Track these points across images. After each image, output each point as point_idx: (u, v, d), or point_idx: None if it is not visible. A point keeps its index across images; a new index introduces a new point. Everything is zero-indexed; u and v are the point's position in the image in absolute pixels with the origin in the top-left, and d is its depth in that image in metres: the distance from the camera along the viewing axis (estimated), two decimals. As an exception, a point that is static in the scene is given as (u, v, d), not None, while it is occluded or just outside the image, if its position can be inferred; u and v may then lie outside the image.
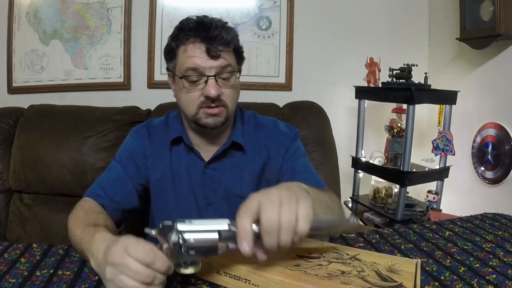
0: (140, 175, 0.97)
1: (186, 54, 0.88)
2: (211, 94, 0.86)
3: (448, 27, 2.08)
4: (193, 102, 0.89)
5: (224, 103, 0.90)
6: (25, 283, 0.59)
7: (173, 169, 0.98)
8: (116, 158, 0.98)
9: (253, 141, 1.00)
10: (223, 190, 0.98)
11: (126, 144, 1.01)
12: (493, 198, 1.82)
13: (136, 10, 1.98)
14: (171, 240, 0.53)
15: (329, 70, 2.20)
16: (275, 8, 2.10)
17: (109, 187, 0.91)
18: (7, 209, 1.61)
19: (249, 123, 1.03)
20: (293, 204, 0.53)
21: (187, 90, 0.89)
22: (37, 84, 1.97)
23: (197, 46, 0.87)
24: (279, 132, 1.03)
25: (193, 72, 0.87)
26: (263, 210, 0.52)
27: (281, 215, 0.52)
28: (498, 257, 0.71)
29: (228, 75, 0.90)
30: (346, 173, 2.04)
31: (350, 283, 0.54)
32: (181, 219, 0.54)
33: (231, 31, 0.91)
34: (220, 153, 0.97)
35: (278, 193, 0.54)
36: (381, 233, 0.85)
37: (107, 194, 0.89)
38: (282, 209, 0.52)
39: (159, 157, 0.98)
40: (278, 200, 0.53)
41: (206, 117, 0.90)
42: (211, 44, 0.86)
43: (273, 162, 1.00)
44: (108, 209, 0.87)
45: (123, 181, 0.94)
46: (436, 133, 1.86)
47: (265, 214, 0.52)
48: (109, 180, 0.93)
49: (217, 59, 0.87)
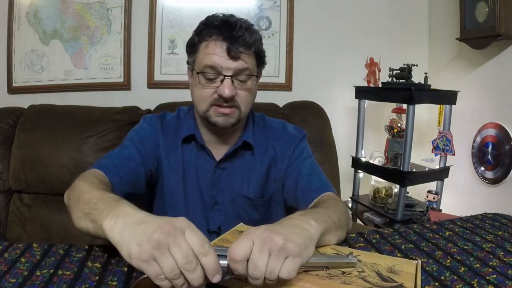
0: (151, 161, 0.95)
1: (206, 50, 0.88)
2: (225, 94, 0.86)
3: (448, 27, 2.08)
4: (206, 98, 0.89)
5: (237, 105, 0.90)
6: (25, 283, 0.59)
7: (184, 167, 0.97)
8: (128, 138, 0.95)
9: (261, 142, 1.00)
10: (230, 190, 0.98)
11: (139, 128, 0.99)
12: (493, 198, 1.82)
13: (136, 10, 1.98)
14: None
15: (329, 70, 2.20)
16: (275, 8, 2.10)
17: (121, 164, 0.86)
18: (7, 209, 1.61)
19: (258, 124, 1.03)
20: (280, 260, 0.52)
21: (202, 86, 0.89)
22: (37, 84, 1.96)
23: (218, 45, 0.86)
24: (287, 134, 1.03)
25: (211, 70, 0.87)
26: (252, 257, 0.52)
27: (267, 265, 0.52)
28: (498, 257, 0.71)
29: (245, 77, 0.89)
30: (346, 173, 2.04)
31: (351, 283, 0.54)
32: None
33: (255, 34, 0.90)
34: (230, 153, 0.97)
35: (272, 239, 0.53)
36: (381, 233, 0.85)
37: (118, 172, 0.84)
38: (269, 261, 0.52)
39: (171, 152, 0.97)
40: (268, 248, 0.52)
41: (217, 116, 0.89)
42: (232, 45, 0.85)
43: (280, 163, 1.00)
44: (115, 187, 0.81)
45: (136, 163, 0.90)
46: (436, 133, 1.86)
47: (251, 263, 0.52)
48: (123, 159, 0.89)
49: (236, 60, 0.86)
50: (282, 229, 0.57)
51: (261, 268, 0.51)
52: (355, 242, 0.79)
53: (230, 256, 0.52)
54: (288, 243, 0.53)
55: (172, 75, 2.04)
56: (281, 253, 0.53)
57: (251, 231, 0.55)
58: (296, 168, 0.99)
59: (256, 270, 0.51)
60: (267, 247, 0.52)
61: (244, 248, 0.52)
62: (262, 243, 0.53)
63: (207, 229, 0.97)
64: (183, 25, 2.00)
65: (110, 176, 0.81)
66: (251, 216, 0.99)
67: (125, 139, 0.96)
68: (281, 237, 0.54)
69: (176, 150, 0.97)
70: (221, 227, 0.97)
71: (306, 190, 0.94)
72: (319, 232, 0.63)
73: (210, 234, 0.96)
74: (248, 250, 0.52)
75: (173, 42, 2.02)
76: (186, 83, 2.23)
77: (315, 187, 0.93)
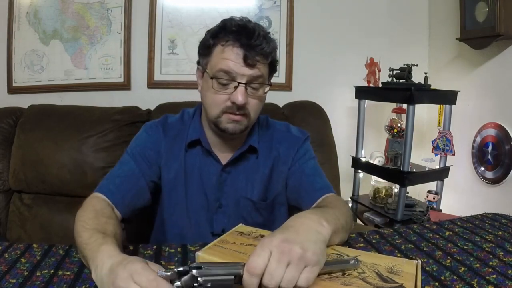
0: (153, 171, 0.95)
1: (222, 55, 0.87)
2: (239, 101, 0.85)
3: (448, 27, 2.08)
4: (218, 104, 0.88)
5: (248, 112, 0.89)
6: (25, 283, 0.59)
7: (187, 170, 0.97)
8: (128, 152, 0.96)
9: (265, 145, 1.00)
10: (234, 193, 0.98)
11: (138, 139, 0.99)
12: (493, 198, 1.82)
13: (136, 10, 1.98)
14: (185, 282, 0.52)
15: (329, 70, 2.20)
16: (275, 8, 2.10)
17: (121, 184, 0.88)
18: (7, 209, 1.61)
19: (262, 126, 1.04)
20: (299, 269, 0.53)
21: (215, 91, 0.88)
22: (37, 84, 1.96)
23: (235, 51, 0.85)
24: (291, 136, 1.03)
25: (225, 75, 0.86)
26: (269, 267, 0.53)
27: (284, 276, 0.53)
28: (498, 257, 0.71)
29: (258, 85, 0.89)
30: (346, 173, 2.04)
31: (351, 284, 0.54)
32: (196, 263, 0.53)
33: (272, 43, 0.90)
34: (236, 157, 0.97)
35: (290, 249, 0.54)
36: (381, 233, 0.85)
37: (120, 191, 0.87)
38: (287, 270, 0.53)
39: (173, 156, 0.97)
40: (288, 259, 0.53)
41: (228, 122, 0.89)
42: (250, 52, 0.84)
43: (283, 164, 1.00)
44: (119, 206, 0.85)
45: (136, 178, 0.91)
46: (436, 133, 1.86)
47: (268, 273, 0.53)
48: (122, 177, 0.90)
49: (252, 68, 0.86)
50: (298, 237, 0.57)
51: (277, 279, 0.52)
52: (355, 242, 0.79)
53: (249, 270, 0.53)
54: (306, 253, 0.54)
55: (172, 75, 2.04)
56: (300, 263, 0.54)
57: (267, 241, 0.55)
58: (299, 168, 0.99)
59: (272, 280, 0.52)
60: (286, 258, 0.53)
61: (263, 260, 0.53)
62: (280, 254, 0.53)
63: (211, 232, 0.97)
64: (183, 25, 2.00)
65: (111, 198, 0.84)
66: (254, 218, 0.99)
67: (125, 152, 0.97)
68: (299, 247, 0.54)
69: (179, 153, 0.97)
70: (225, 229, 0.97)
71: (309, 190, 0.94)
72: (330, 233, 0.64)
73: (214, 237, 0.96)
74: (266, 262, 0.53)
75: (173, 42, 2.02)
76: (186, 83, 2.22)
77: (319, 187, 0.93)
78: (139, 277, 0.51)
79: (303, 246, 0.55)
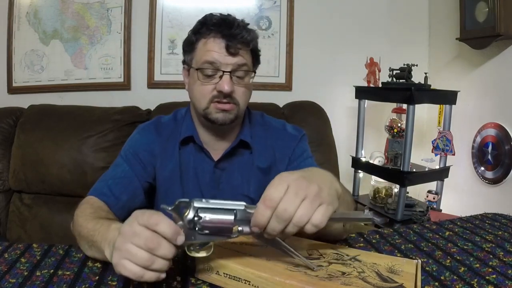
0: (147, 173, 0.96)
1: (205, 47, 0.89)
2: (224, 89, 0.87)
3: (448, 27, 2.08)
4: (205, 95, 0.90)
5: (236, 101, 0.91)
6: (25, 283, 0.59)
7: (182, 169, 0.98)
8: (121, 154, 0.97)
9: (260, 141, 1.01)
10: (230, 190, 0.98)
11: (132, 141, 1.00)
12: (493, 198, 1.82)
13: (136, 10, 1.98)
14: (187, 218, 0.53)
15: (329, 70, 2.20)
16: (275, 8, 2.10)
17: (115, 186, 0.89)
18: (7, 209, 1.61)
19: (257, 122, 1.04)
20: (314, 206, 0.53)
21: (201, 82, 0.90)
22: (37, 84, 1.96)
23: (217, 41, 0.88)
24: (286, 134, 1.03)
25: (210, 66, 0.88)
26: (285, 199, 0.52)
27: (298, 210, 0.52)
28: (498, 257, 0.71)
29: (243, 73, 0.91)
30: (346, 173, 2.04)
31: (351, 284, 0.54)
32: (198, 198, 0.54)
33: (252, 32, 0.93)
34: (228, 152, 0.97)
35: (308, 185, 0.54)
36: (381, 233, 0.85)
37: (113, 193, 0.88)
38: (302, 204, 0.53)
39: (167, 156, 0.98)
40: (304, 194, 0.53)
41: (217, 112, 0.90)
42: (231, 41, 0.87)
43: (279, 164, 1.00)
44: (114, 208, 0.86)
45: (130, 180, 0.92)
46: (436, 133, 1.86)
47: (284, 204, 0.52)
48: (116, 178, 0.91)
49: (235, 57, 0.88)
50: (315, 177, 0.58)
51: (290, 212, 0.52)
52: (355, 242, 0.79)
53: (265, 202, 0.53)
54: (322, 191, 0.55)
55: (172, 75, 2.04)
56: (316, 200, 0.54)
57: (285, 175, 0.56)
58: (297, 167, 0.99)
59: (286, 213, 0.52)
60: (303, 192, 0.53)
61: (280, 192, 0.53)
62: (298, 188, 0.53)
63: None
64: (183, 25, 2.00)
65: (105, 200, 0.85)
66: None
67: (119, 154, 0.98)
68: (316, 184, 0.55)
69: (173, 152, 0.98)
70: None
71: None
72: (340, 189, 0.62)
73: None
74: (283, 195, 0.53)
75: (173, 42, 2.02)
76: (186, 83, 2.19)
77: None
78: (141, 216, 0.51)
79: (319, 184, 0.55)
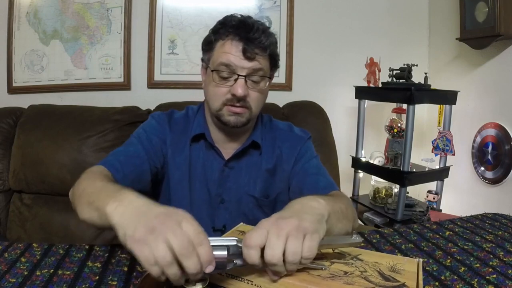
0: (157, 158, 0.95)
1: (222, 49, 0.89)
2: (238, 93, 0.87)
3: (448, 27, 2.08)
4: (219, 97, 0.90)
5: (249, 105, 0.91)
6: (25, 282, 0.59)
7: (191, 164, 0.98)
8: (134, 135, 0.96)
9: (268, 143, 1.02)
10: (236, 189, 0.99)
11: (146, 125, 0.99)
12: (493, 198, 1.82)
13: (136, 10, 1.98)
14: None
15: (329, 70, 2.20)
16: (275, 8, 2.10)
17: (126, 163, 0.87)
18: (7, 209, 1.61)
19: (266, 125, 1.05)
20: (300, 239, 0.53)
21: (216, 84, 0.90)
22: (37, 84, 1.96)
23: (234, 44, 0.88)
24: (293, 135, 1.04)
25: (225, 68, 0.88)
26: (268, 245, 0.53)
27: (287, 249, 0.53)
28: (498, 257, 0.71)
29: (259, 78, 0.91)
30: (346, 173, 2.04)
31: (353, 283, 0.54)
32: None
33: (271, 37, 0.92)
34: (239, 152, 0.98)
35: (286, 223, 0.54)
36: (382, 233, 0.85)
37: (123, 169, 0.85)
38: (288, 243, 0.53)
39: (178, 150, 0.98)
40: (286, 233, 0.53)
41: (229, 115, 0.91)
42: (248, 45, 0.87)
43: (286, 163, 1.01)
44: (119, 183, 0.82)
45: (141, 160, 0.91)
46: (436, 133, 1.86)
47: (269, 250, 0.52)
48: (128, 156, 0.89)
49: (251, 61, 0.88)
50: (293, 212, 0.58)
51: (278, 253, 0.52)
52: (355, 242, 0.79)
53: (245, 243, 0.53)
54: (302, 222, 0.55)
55: (172, 75, 2.04)
56: (299, 233, 0.54)
57: (263, 222, 0.56)
58: (302, 168, 0.99)
59: (274, 254, 0.52)
60: (284, 232, 0.53)
61: (258, 235, 0.53)
62: (277, 229, 0.54)
63: (212, 227, 0.98)
64: (183, 25, 2.00)
65: (114, 172, 0.82)
66: (256, 215, 0.99)
67: (132, 136, 0.97)
68: (294, 219, 0.55)
69: (184, 148, 0.98)
70: (226, 225, 0.98)
71: (313, 189, 0.94)
72: (327, 209, 0.63)
73: (215, 232, 0.97)
74: (263, 238, 0.53)
75: (173, 42, 2.02)
76: (186, 83, 2.23)
77: (322, 186, 0.94)
78: (189, 225, 0.50)
79: (298, 216, 0.56)
